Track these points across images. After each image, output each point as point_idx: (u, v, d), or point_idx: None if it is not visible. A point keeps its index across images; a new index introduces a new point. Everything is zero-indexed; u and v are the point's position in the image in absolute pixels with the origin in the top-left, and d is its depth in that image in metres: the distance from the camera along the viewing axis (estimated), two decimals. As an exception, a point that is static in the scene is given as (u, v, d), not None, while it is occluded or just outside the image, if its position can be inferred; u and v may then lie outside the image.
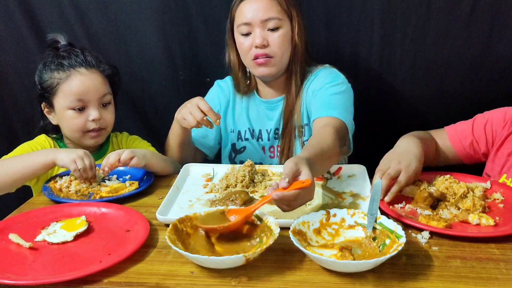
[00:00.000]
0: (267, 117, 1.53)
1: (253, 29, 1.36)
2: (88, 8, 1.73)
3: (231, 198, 1.09)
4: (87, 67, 1.38)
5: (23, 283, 0.80)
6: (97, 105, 1.38)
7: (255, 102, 1.55)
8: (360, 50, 1.71)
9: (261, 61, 1.38)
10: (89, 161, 1.22)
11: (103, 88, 1.39)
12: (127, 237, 0.96)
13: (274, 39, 1.36)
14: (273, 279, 0.81)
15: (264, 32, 1.36)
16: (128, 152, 1.23)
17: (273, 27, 1.36)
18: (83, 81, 1.36)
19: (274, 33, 1.36)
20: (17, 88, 1.84)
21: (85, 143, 1.42)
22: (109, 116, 1.43)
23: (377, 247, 0.88)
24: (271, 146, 1.54)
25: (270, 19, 1.35)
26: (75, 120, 1.37)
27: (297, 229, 0.90)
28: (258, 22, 1.35)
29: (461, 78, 1.68)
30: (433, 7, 1.60)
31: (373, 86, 1.74)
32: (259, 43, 1.35)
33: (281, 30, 1.36)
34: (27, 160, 1.24)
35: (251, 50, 1.38)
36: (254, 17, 1.35)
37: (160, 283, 0.81)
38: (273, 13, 1.35)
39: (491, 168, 1.28)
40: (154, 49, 1.77)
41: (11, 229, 0.98)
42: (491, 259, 0.87)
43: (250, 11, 1.36)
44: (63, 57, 1.38)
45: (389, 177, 1.09)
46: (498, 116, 1.30)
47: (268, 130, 1.54)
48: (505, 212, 1.05)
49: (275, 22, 1.35)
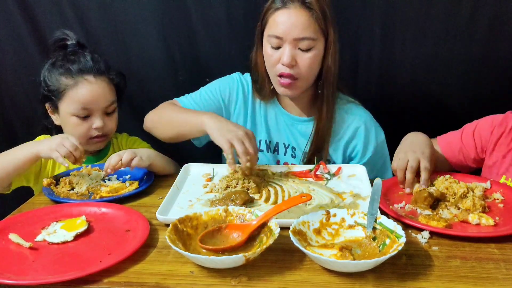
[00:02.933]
0: (289, 131, 1.45)
1: (284, 44, 1.26)
2: (88, 8, 1.73)
3: (231, 198, 1.09)
4: (96, 75, 1.36)
5: (23, 283, 0.80)
6: (101, 113, 1.38)
7: (276, 112, 1.45)
8: (360, 52, 1.71)
9: (285, 82, 1.29)
10: (70, 143, 1.19)
11: (109, 98, 1.39)
12: (127, 237, 0.96)
13: (304, 60, 1.26)
14: (273, 279, 0.81)
15: (295, 50, 1.26)
16: (129, 153, 1.23)
17: (306, 48, 1.25)
18: (90, 90, 1.34)
19: (305, 54, 1.26)
20: (16, 88, 1.84)
21: (87, 148, 1.41)
22: (113, 123, 1.43)
23: (377, 247, 0.88)
24: (285, 162, 1.46)
25: (305, 39, 1.24)
26: (78, 127, 1.37)
27: (297, 229, 0.90)
28: (290, 39, 1.24)
29: (461, 79, 1.69)
30: (433, 9, 1.61)
31: (373, 87, 1.75)
32: (287, 62, 1.25)
33: (313, 51, 1.26)
34: (10, 156, 1.24)
35: (277, 65, 1.29)
36: (288, 33, 1.24)
37: (160, 283, 0.81)
38: (309, 32, 1.24)
39: (489, 172, 1.29)
40: (154, 49, 1.77)
41: (11, 229, 0.98)
42: (491, 259, 0.87)
43: (284, 24, 1.24)
44: (72, 61, 1.36)
45: (413, 169, 1.13)
46: (486, 122, 1.33)
47: (285, 145, 1.46)
48: (505, 212, 1.05)
49: (308, 43, 1.25)
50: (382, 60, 1.70)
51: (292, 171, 1.31)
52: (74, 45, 1.42)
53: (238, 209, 0.98)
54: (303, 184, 1.23)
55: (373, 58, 1.70)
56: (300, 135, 1.45)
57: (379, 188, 1.01)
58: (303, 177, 1.28)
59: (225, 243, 0.90)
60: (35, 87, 1.84)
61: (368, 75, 1.73)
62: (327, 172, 1.29)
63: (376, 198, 0.98)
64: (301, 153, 1.44)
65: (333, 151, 1.43)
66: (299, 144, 1.45)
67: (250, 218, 0.95)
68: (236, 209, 0.98)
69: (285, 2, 1.26)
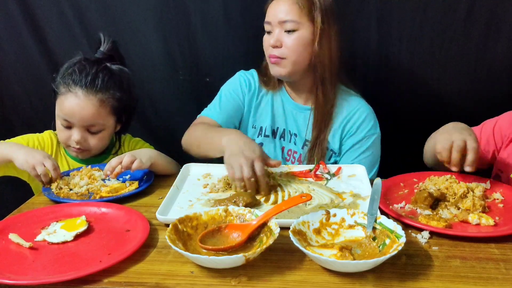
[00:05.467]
0: (294, 118, 1.52)
1: (273, 28, 1.39)
2: (88, 8, 1.73)
3: (234, 200, 1.08)
4: (86, 90, 1.32)
5: (23, 283, 0.80)
6: (82, 129, 1.35)
7: (283, 99, 1.53)
8: (358, 52, 1.71)
9: (273, 60, 1.40)
10: (50, 164, 1.20)
11: (91, 118, 1.33)
12: (127, 237, 0.96)
13: (289, 41, 1.37)
14: (273, 279, 0.81)
15: (281, 33, 1.37)
16: (129, 157, 1.22)
17: (290, 29, 1.36)
18: (73, 105, 1.31)
19: (290, 36, 1.36)
20: (17, 88, 1.84)
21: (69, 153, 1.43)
22: (95, 141, 1.38)
23: (377, 247, 0.88)
24: (289, 149, 1.54)
25: (288, 21, 1.35)
26: (60, 132, 1.38)
27: (297, 229, 0.90)
28: (276, 22, 1.37)
29: (458, 79, 1.69)
30: (429, 10, 1.61)
31: (370, 87, 1.74)
32: (272, 43, 1.38)
33: (297, 33, 1.36)
34: None
35: (269, 48, 1.41)
36: (274, 17, 1.38)
37: (160, 283, 0.81)
38: (292, 15, 1.35)
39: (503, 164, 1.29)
40: (154, 49, 1.78)
41: (11, 229, 0.98)
42: (491, 259, 0.87)
43: (273, 11, 1.39)
44: (73, 71, 1.34)
45: (459, 148, 1.09)
46: (506, 117, 1.33)
47: (290, 132, 1.53)
48: (505, 212, 1.05)
49: (291, 25, 1.35)
50: (379, 62, 1.70)
51: (292, 171, 1.31)
52: (102, 53, 1.41)
53: (238, 209, 0.98)
54: (303, 184, 1.23)
55: (371, 60, 1.71)
56: (304, 123, 1.51)
57: (379, 188, 1.01)
58: (303, 177, 1.28)
59: (225, 243, 0.90)
60: (36, 87, 1.85)
61: (365, 77, 1.73)
62: (327, 172, 1.29)
63: (376, 198, 0.98)
64: (301, 141, 1.50)
65: (331, 138, 1.47)
66: (300, 132, 1.51)
67: (250, 218, 0.95)
68: (236, 209, 0.98)
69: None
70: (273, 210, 0.93)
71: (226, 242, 0.91)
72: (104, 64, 1.38)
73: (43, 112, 1.82)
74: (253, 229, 0.91)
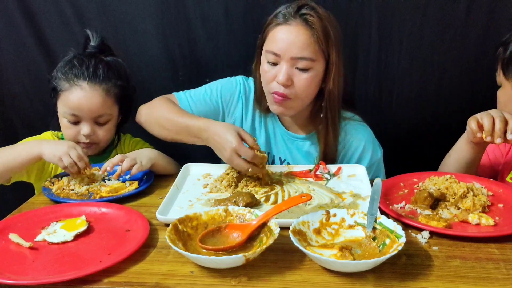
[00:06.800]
0: (286, 146, 1.43)
1: (281, 61, 1.23)
2: (88, 8, 1.73)
3: (234, 200, 1.09)
4: (91, 82, 1.33)
5: (23, 283, 0.80)
6: (91, 121, 1.36)
7: (274, 126, 1.43)
8: (358, 54, 1.71)
9: (278, 99, 1.26)
10: (76, 154, 1.19)
11: (100, 109, 1.35)
12: (127, 237, 0.96)
13: (300, 80, 1.22)
14: (273, 279, 0.81)
15: (292, 69, 1.22)
16: (128, 161, 1.22)
17: (303, 67, 1.22)
18: (80, 97, 1.33)
19: (302, 74, 1.22)
20: (17, 88, 1.84)
21: None
22: (103, 133, 1.40)
23: (377, 247, 0.88)
24: None
25: (303, 59, 1.20)
26: (68, 130, 1.37)
27: (297, 229, 0.90)
28: (288, 57, 1.21)
29: (457, 79, 1.70)
30: (429, 11, 1.62)
31: (371, 88, 1.75)
32: (282, 81, 1.22)
33: (311, 72, 1.22)
34: (13, 152, 1.23)
35: (272, 82, 1.25)
36: (286, 50, 1.21)
37: (160, 283, 0.81)
38: (308, 52, 1.20)
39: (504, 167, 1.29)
40: (154, 49, 1.77)
41: (11, 229, 0.98)
42: (491, 259, 0.87)
43: (283, 41, 1.21)
44: (73, 65, 1.35)
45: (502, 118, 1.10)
46: None
47: (281, 159, 1.44)
48: (505, 212, 1.05)
49: (306, 63, 1.21)
50: (379, 63, 1.71)
51: (292, 171, 1.31)
52: (94, 47, 1.41)
53: (238, 209, 0.98)
54: (303, 184, 1.23)
55: (371, 61, 1.71)
56: (297, 152, 1.44)
57: (379, 188, 1.01)
58: (303, 177, 1.28)
59: (225, 243, 0.90)
60: (36, 87, 1.85)
61: (366, 78, 1.73)
62: (327, 172, 1.29)
63: (376, 198, 0.98)
64: None
65: None
66: (295, 160, 1.44)
67: (250, 218, 0.95)
68: (236, 209, 0.98)
69: (287, 18, 1.23)
70: (273, 210, 0.93)
71: (226, 242, 0.91)
72: (99, 57, 1.39)
73: (43, 112, 1.82)
74: (253, 229, 0.91)
